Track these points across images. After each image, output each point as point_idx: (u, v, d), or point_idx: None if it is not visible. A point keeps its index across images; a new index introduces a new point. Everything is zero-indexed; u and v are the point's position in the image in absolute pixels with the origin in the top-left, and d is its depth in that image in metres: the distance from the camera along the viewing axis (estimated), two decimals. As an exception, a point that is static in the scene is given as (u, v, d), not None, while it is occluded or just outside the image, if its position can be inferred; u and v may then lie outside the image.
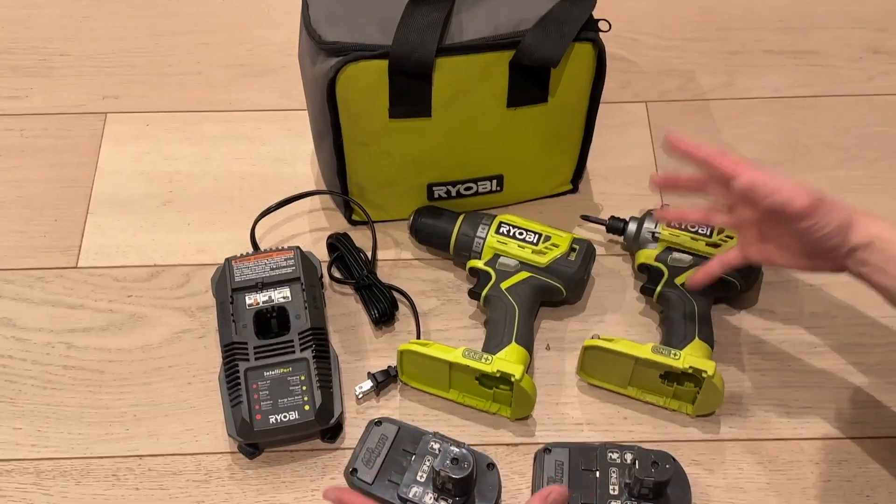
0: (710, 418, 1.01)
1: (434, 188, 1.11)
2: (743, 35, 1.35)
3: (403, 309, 1.09)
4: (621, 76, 1.30)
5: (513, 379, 0.95)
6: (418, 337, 1.06)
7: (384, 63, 0.97)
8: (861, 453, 0.99)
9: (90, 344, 1.06)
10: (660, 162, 1.21)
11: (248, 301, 1.01)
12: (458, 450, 0.90)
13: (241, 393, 0.96)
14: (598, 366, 1.01)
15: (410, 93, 0.99)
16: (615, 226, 1.11)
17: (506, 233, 1.07)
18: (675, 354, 0.97)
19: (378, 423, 0.97)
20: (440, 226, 1.10)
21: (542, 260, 1.05)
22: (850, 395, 1.03)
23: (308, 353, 0.98)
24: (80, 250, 1.14)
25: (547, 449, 0.96)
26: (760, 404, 1.02)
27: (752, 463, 0.98)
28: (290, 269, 1.03)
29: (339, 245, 1.11)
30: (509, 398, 0.99)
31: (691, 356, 0.97)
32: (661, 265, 1.06)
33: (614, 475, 0.93)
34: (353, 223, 1.15)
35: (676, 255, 1.06)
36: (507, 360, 0.97)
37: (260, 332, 1.00)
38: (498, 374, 0.96)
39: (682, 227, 1.07)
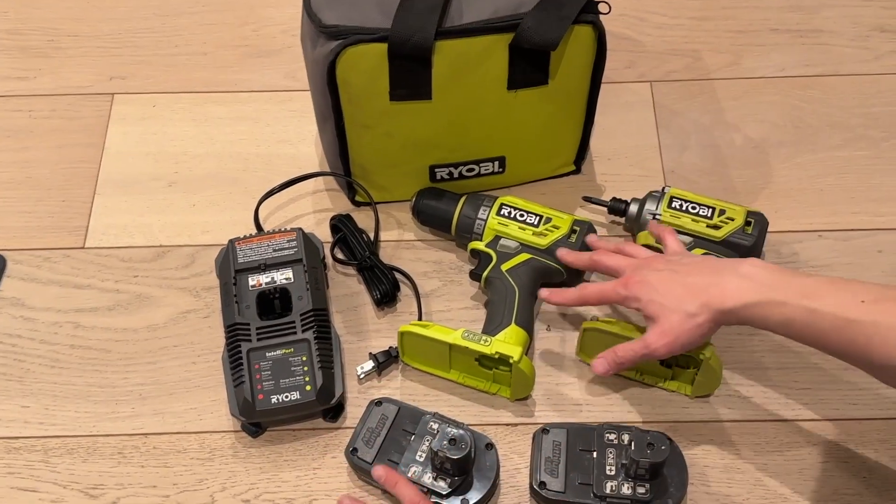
0: (708, 399, 1.02)
1: (436, 170, 1.11)
2: (749, 14, 1.34)
3: (405, 290, 1.09)
4: (626, 56, 1.29)
5: (511, 360, 0.96)
6: (420, 318, 1.07)
7: (384, 46, 0.97)
8: (859, 434, 0.99)
9: (97, 324, 1.08)
10: (663, 143, 1.21)
11: (251, 282, 1.02)
12: (455, 430, 0.91)
13: (244, 373, 0.97)
14: (597, 347, 1.02)
15: (410, 76, 0.99)
16: (617, 207, 1.12)
17: (507, 214, 1.07)
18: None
19: (378, 403, 0.98)
20: (442, 207, 1.10)
21: (543, 242, 1.05)
22: (848, 376, 1.03)
23: (310, 334, 0.99)
24: (88, 231, 1.15)
25: (545, 429, 0.97)
26: (759, 385, 1.02)
27: (749, 444, 0.99)
28: (292, 251, 1.04)
29: (341, 226, 1.12)
30: (509, 379, 1.00)
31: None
32: (662, 247, 1.06)
33: (611, 456, 0.94)
34: (357, 204, 1.16)
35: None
36: (506, 342, 0.98)
37: (262, 313, 1.01)
38: (496, 356, 0.97)
39: (683, 208, 1.07)
